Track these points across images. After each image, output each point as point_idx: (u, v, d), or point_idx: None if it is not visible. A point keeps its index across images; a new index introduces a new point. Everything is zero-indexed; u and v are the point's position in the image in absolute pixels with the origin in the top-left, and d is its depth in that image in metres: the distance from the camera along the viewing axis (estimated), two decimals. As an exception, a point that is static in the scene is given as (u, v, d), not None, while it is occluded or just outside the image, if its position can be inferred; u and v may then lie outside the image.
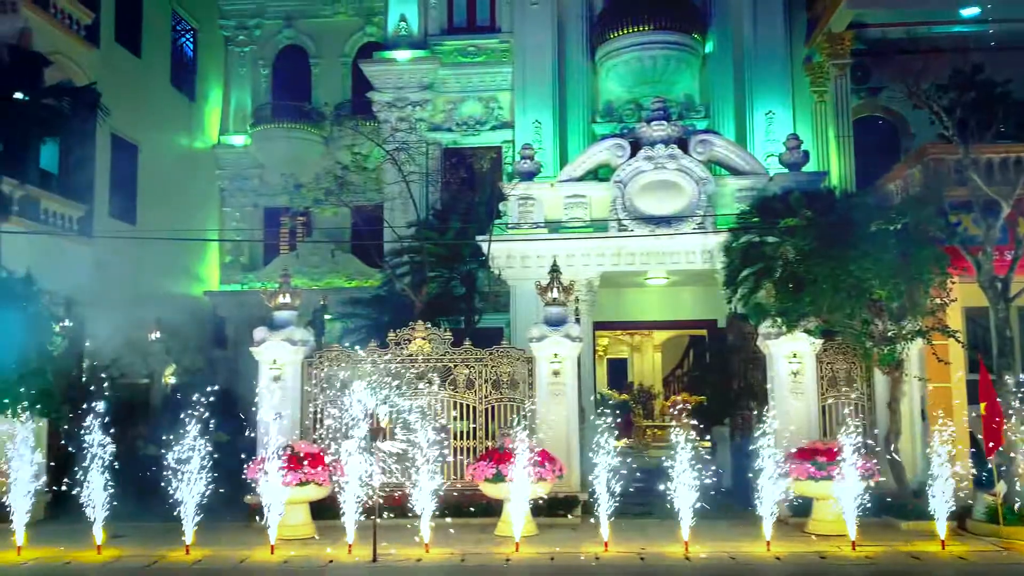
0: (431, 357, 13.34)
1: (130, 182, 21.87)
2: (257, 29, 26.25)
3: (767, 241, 13.58)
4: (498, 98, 21.62)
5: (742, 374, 14.89)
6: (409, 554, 10.48)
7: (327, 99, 25.44)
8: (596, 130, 20.37)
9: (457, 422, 13.21)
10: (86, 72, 19.33)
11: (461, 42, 21.67)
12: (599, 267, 15.80)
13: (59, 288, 14.12)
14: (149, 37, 23.12)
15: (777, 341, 12.84)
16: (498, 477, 11.37)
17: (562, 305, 13.16)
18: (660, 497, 10.90)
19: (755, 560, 10.26)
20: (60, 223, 18.62)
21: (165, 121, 23.75)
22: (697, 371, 21.41)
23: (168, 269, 22.08)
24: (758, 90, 19.67)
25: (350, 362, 12.91)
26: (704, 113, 20.51)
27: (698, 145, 15.78)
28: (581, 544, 10.98)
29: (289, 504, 11.12)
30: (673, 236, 15.39)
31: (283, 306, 13.29)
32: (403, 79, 21.30)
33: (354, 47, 25.81)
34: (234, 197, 25.88)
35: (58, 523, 12.14)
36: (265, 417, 12.32)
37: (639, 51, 19.89)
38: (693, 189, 15.53)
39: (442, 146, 21.57)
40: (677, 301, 18.27)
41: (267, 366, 13.08)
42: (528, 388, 13.23)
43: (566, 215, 15.95)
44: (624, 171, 15.68)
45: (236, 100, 26.19)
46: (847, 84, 19.52)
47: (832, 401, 13.20)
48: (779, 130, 18.91)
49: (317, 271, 23.61)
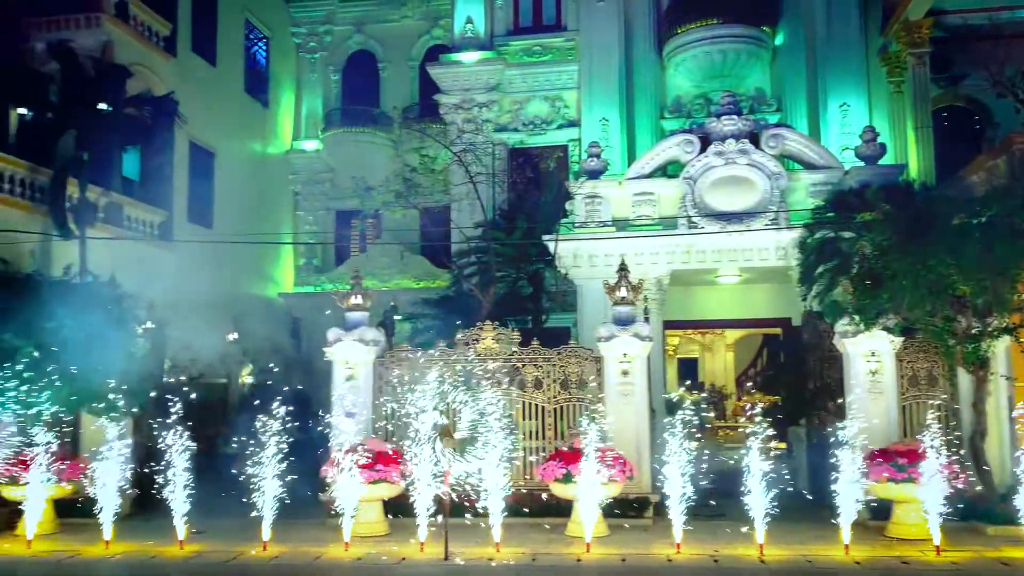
0: (499, 357, 13.37)
1: (207, 188, 22.57)
2: (327, 35, 26.79)
3: (843, 237, 13.20)
4: (564, 97, 21.57)
5: (818, 373, 14.53)
6: (480, 553, 10.53)
7: (395, 102, 25.80)
8: (664, 126, 20.16)
9: (526, 422, 13.21)
10: (164, 82, 20.02)
11: (527, 42, 21.70)
12: (668, 265, 15.61)
13: (141, 291, 14.64)
14: (224, 46, 23.81)
15: (854, 339, 12.48)
16: (567, 477, 11.33)
17: (630, 304, 13.04)
18: (733, 499, 10.71)
19: (833, 564, 9.99)
20: (142, 228, 19.33)
21: (240, 127, 24.42)
22: (771, 371, 20.97)
23: (244, 272, 22.71)
24: (832, 82, 19.18)
25: (420, 362, 13.03)
26: (775, 107, 20.11)
27: (770, 139, 15.46)
28: (653, 545, 10.87)
29: (362, 502, 11.30)
30: (745, 233, 15.10)
31: (355, 307, 13.50)
32: (469, 80, 21.44)
33: (421, 50, 26.12)
34: (307, 201, 26.45)
35: (143, 519, 12.55)
36: (338, 416, 12.53)
37: (708, 45, 19.64)
38: (765, 184, 15.22)
39: (508, 146, 21.63)
40: (750, 299, 17.94)
41: (340, 366, 13.30)
42: (597, 388, 13.14)
43: (634, 213, 15.81)
44: (694, 167, 15.46)
45: (308, 105, 26.76)
46: (926, 73, 18.83)
47: (913, 401, 12.77)
48: (854, 122, 18.41)
49: (387, 272, 23.96)
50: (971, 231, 11.66)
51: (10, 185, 15.88)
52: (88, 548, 11.18)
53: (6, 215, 15.45)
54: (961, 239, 11.49)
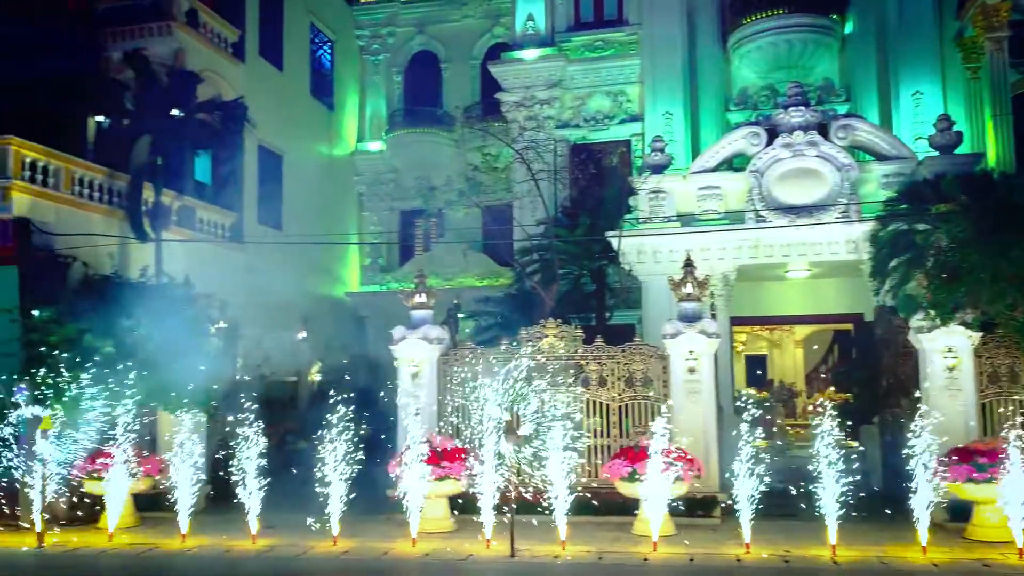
0: (563, 355, 13.33)
1: (275, 190, 23.05)
2: (390, 37, 27.08)
3: (918, 229, 12.78)
4: (626, 91, 21.36)
5: (892, 370, 14.11)
6: (546, 551, 10.53)
7: (457, 102, 25.93)
8: (729, 119, 19.81)
9: (590, 420, 13.16)
10: (233, 87, 20.50)
11: (588, 37, 21.55)
12: (735, 260, 15.34)
13: (214, 292, 15.04)
14: (290, 50, 24.28)
15: (930, 335, 12.08)
16: (633, 476, 11.24)
17: (696, 300, 12.86)
18: (804, 499, 10.48)
19: (909, 566, 9.70)
20: (213, 230, 19.84)
21: (306, 130, 24.87)
22: (843, 367, 20.46)
23: (312, 271, 23.12)
24: (904, 70, 18.57)
25: (483, 360, 13.09)
26: (845, 97, 19.59)
27: (839, 130, 15.07)
28: (721, 545, 10.71)
29: (428, 498, 11.41)
30: (814, 226, 14.74)
31: (419, 305, 13.63)
32: (531, 78, 21.39)
33: (482, 49, 26.21)
34: (371, 201, 26.80)
35: (216, 514, 12.90)
36: (404, 413, 12.68)
37: (774, 35, 19.22)
38: (835, 176, 14.83)
39: (570, 142, 21.53)
40: (820, 294, 17.52)
41: (405, 364, 13.45)
42: (663, 386, 13.01)
43: (699, 207, 15.58)
44: (760, 160, 15.16)
45: (371, 107, 27.12)
46: (1004, 58, 18.06)
47: (993, 399, 12.29)
48: (928, 111, 17.79)
49: (450, 271, 24.09)
50: (1055, 222, 11.19)
51: (89, 190, 16.46)
52: (166, 541, 11.55)
53: (86, 219, 16.02)
54: (1044, 230, 11.04)
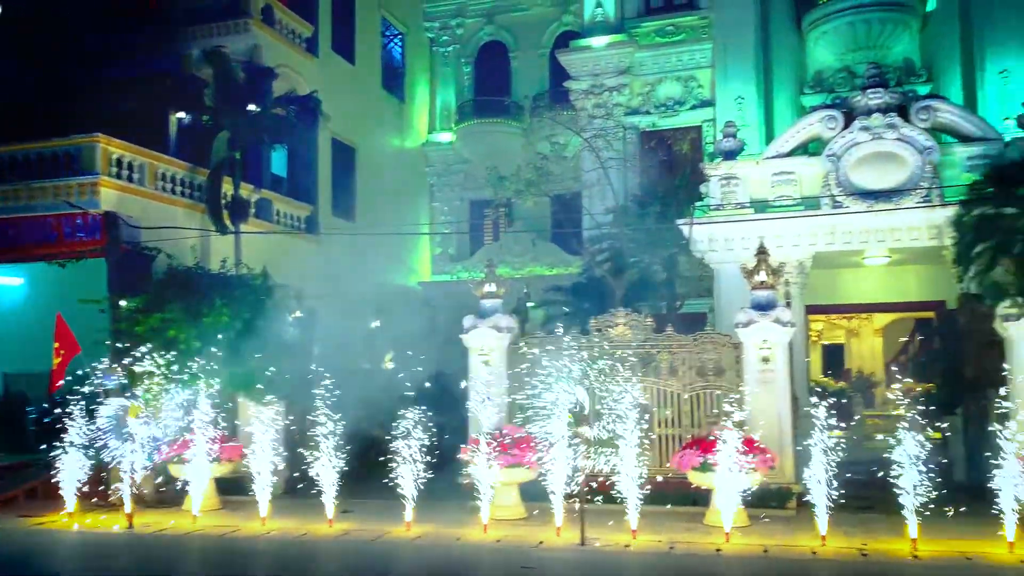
0: (632, 343, 13.26)
1: (349, 182, 23.50)
2: (459, 28, 27.24)
3: (1004, 213, 12.26)
4: (697, 76, 21.06)
5: (976, 360, 13.60)
6: (616, 540, 10.53)
7: (526, 91, 25.97)
8: (804, 102, 19.35)
9: (661, 409, 13.07)
10: (308, 81, 20.95)
11: (658, 22, 21.31)
12: (811, 247, 14.98)
13: (291, 282, 15.43)
14: (362, 44, 24.66)
15: (1019, 323, 11.62)
16: (705, 466, 11.13)
17: (770, 288, 12.63)
18: (883, 491, 10.22)
19: (996, 563, 9.38)
20: (290, 222, 20.36)
21: (378, 123, 25.25)
22: (924, 357, 19.80)
23: (385, 261, 23.47)
24: (990, 46, 17.80)
25: (553, 348, 13.10)
26: (926, 77, 18.92)
27: (920, 112, 14.54)
28: (796, 537, 10.54)
29: (500, 486, 11.52)
30: (894, 211, 14.28)
31: (489, 295, 13.73)
32: (599, 65, 21.26)
33: (551, 37, 26.16)
34: (442, 192, 27.08)
35: (295, 498, 13.26)
36: (475, 401, 12.82)
37: (851, 15, 18.70)
38: (916, 160, 14.34)
39: (640, 129, 21.34)
40: (900, 281, 16.98)
41: (476, 352, 13.58)
42: (735, 375, 12.82)
43: (773, 193, 15.25)
44: (837, 144, 14.75)
45: (442, 98, 27.37)
46: (1101, 31, 17.22)
47: (1087, 389, 11.76)
48: (1016, 89, 17.02)
49: (519, 260, 24.18)
50: None
51: (172, 185, 17.06)
52: (246, 524, 11.95)
53: (169, 213, 16.63)
54: None
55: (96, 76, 18.15)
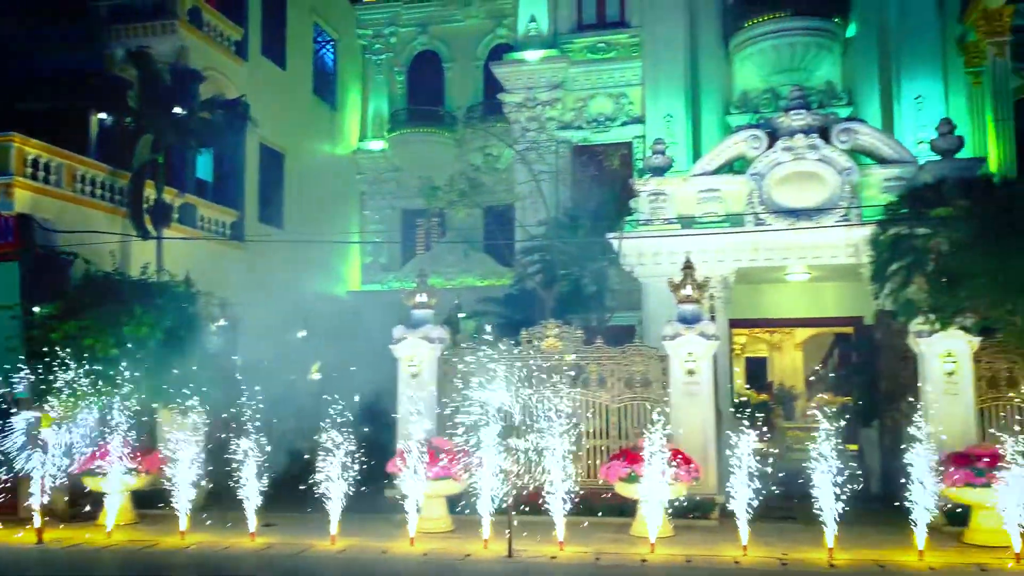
0: (563, 355, 13.35)
1: (277, 188, 23.09)
2: (392, 37, 27.12)
3: (918, 233, 12.78)
4: (628, 93, 21.39)
5: (891, 374, 14.12)
6: (544, 551, 10.55)
7: (460, 102, 25.97)
8: (730, 122, 19.84)
9: (589, 421, 13.18)
10: (236, 85, 20.54)
11: (591, 39, 21.57)
12: (735, 263, 15.36)
13: (214, 290, 15.06)
14: (293, 49, 24.31)
15: (930, 339, 12.10)
16: (632, 477, 11.26)
17: (696, 302, 12.89)
18: (802, 501, 10.50)
19: (907, 570, 9.72)
20: (215, 228, 19.88)
21: (308, 129, 24.91)
22: (842, 370, 20.48)
23: (313, 270, 23.13)
24: (906, 73, 18.59)
25: (484, 359, 13.09)
26: (846, 100, 19.61)
27: (840, 134, 15.08)
28: (719, 547, 10.73)
29: (427, 498, 11.43)
30: (814, 229, 14.75)
31: (420, 305, 13.66)
32: (533, 79, 21.41)
33: (485, 49, 26.25)
34: (373, 200, 26.84)
35: (216, 511, 12.90)
36: (403, 413, 12.70)
37: (777, 38, 19.25)
38: (836, 180, 14.85)
39: (572, 144, 21.55)
40: (820, 297, 17.52)
41: (405, 363, 13.48)
42: (662, 387, 13.03)
43: (699, 210, 15.60)
44: (761, 163, 15.18)
45: (374, 106, 27.16)
46: (1007, 63, 18.06)
47: (992, 403, 12.31)
48: (930, 115, 17.81)
49: (451, 271, 24.10)
50: (1055, 227, 11.19)
51: (91, 187, 16.49)
52: (164, 538, 11.58)
53: (89, 217, 16.05)
54: (1044, 235, 11.04)
55: (10, 72, 17.45)
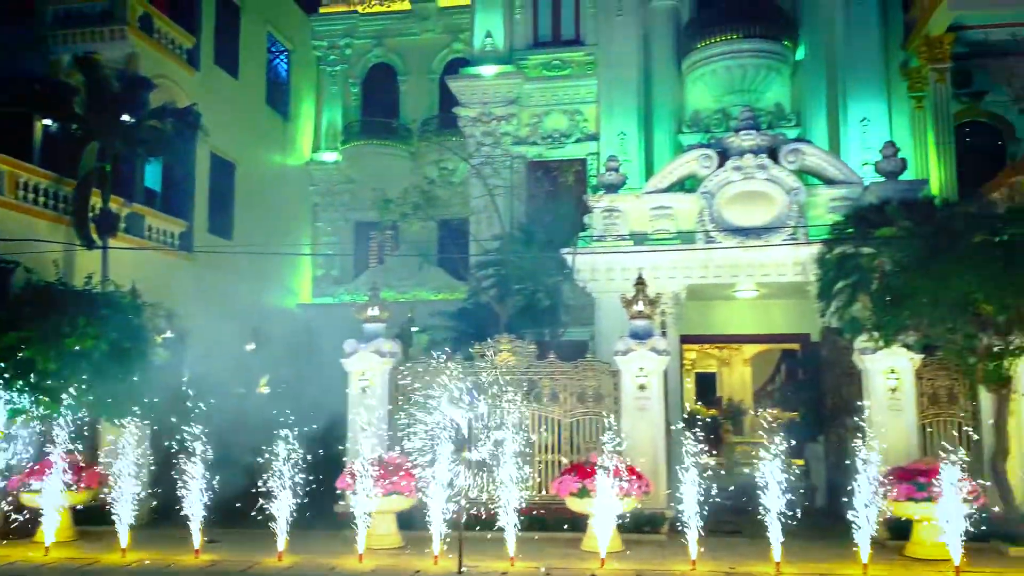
0: (516, 370, 13.36)
1: (227, 199, 22.78)
2: (348, 49, 27.02)
3: (863, 252, 13.10)
4: (583, 111, 21.59)
5: (837, 390, 14.41)
6: (494, 566, 10.50)
7: (415, 115, 25.96)
8: (682, 140, 20.13)
9: (542, 435, 13.19)
10: (187, 94, 20.26)
11: (546, 56, 21.74)
12: (686, 279, 15.56)
13: (161, 301, 14.77)
14: (246, 59, 24.08)
15: (874, 356, 12.38)
16: (583, 492, 11.28)
17: (647, 318, 13.01)
18: (750, 516, 10.63)
19: (851, 584, 9.90)
20: (163, 239, 19.53)
21: (260, 139, 24.66)
22: (789, 386, 20.82)
23: (263, 282, 22.85)
24: (852, 97, 19.09)
25: (436, 374, 13.04)
26: (795, 122, 20.05)
27: (789, 154, 15.41)
28: (668, 561, 10.80)
29: (377, 514, 11.31)
30: (763, 248, 15.04)
31: (372, 319, 13.56)
32: (488, 94, 21.49)
33: (441, 63, 26.30)
34: (326, 212, 26.63)
35: (160, 527, 12.62)
36: (353, 427, 12.56)
37: (727, 60, 19.60)
38: (784, 199, 15.16)
39: (527, 159, 21.66)
40: (768, 314, 17.82)
41: (356, 377, 13.36)
42: (613, 402, 13.10)
43: (652, 227, 15.79)
44: (711, 182, 15.43)
45: (328, 117, 26.99)
46: (947, 88, 18.70)
47: (933, 419, 12.63)
48: (875, 137, 18.29)
49: (404, 284, 24.01)
50: (993, 249, 11.54)
51: (34, 195, 16.09)
52: (105, 556, 11.26)
53: (31, 225, 15.66)
54: (983, 257, 11.38)
55: (-49, 75, 16.99)
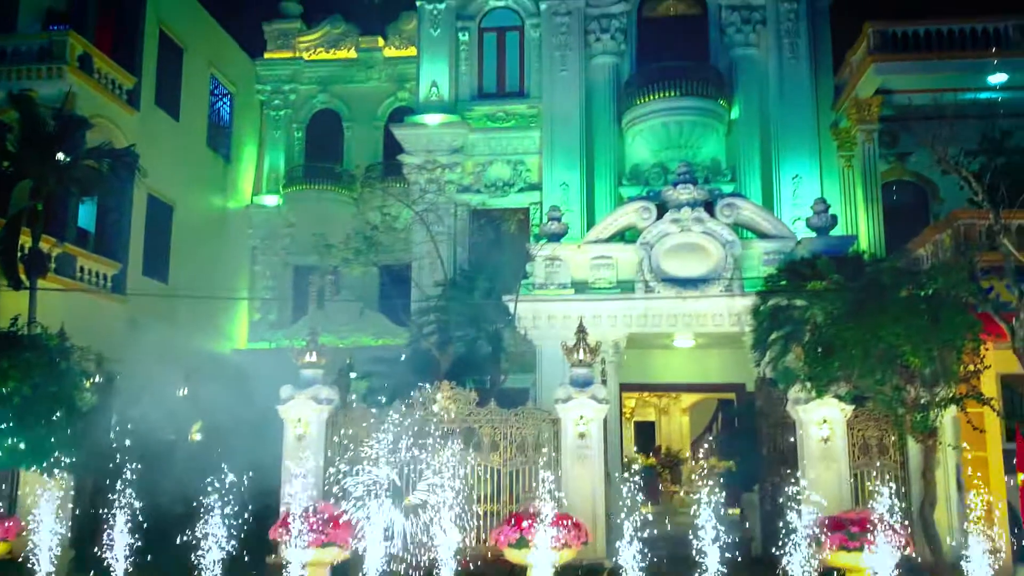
0: (456, 417, 13.24)
1: (164, 240, 22.35)
2: (292, 94, 26.98)
3: (795, 305, 13.47)
4: (526, 161, 21.88)
5: (772, 440, 14.62)
6: (430, 620, 10.29)
7: (359, 160, 25.94)
8: (623, 192, 20.52)
9: (480, 485, 13.06)
10: (126, 134, 19.96)
11: (491, 107, 22.04)
12: (626, 328, 15.75)
13: (91, 344, 14.32)
14: (188, 100, 23.86)
15: (807, 406, 12.63)
16: (522, 542, 11.18)
17: (588, 366, 13.09)
18: (688, 564, 10.64)
19: (786, 633, 9.94)
20: (94, 280, 19.02)
21: (200, 181, 24.34)
22: (726, 436, 21.09)
23: (198, 326, 22.34)
24: (784, 154, 19.77)
25: (374, 422, 12.86)
26: (730, 176, 20.62)
27: (724, 208, 15.83)
28: (606, 613, 10.73)
29: (311, 566, 11.02)
30: (700, 298, 15.33)
31: (309, 364, 13.35)
32: (433, 142, 21.65)
33: (386, 111, 26.44)
34: (265, 256, 26.27)
35: (80, 581, 12.09)
36: (288, 476, 12.28)
37: (665, 116, 20.14)
38: (720, 252, 15.53)
39: (470, 207, 21.80)
40: (705, 364, 18.10)
41: (292, 424, 13.08)
42: (554, 451, 13.07)
43: (592, 276, 15.99)
44: (650, 233, 15.74)
45: (270, 161, 26.80)
46: (875, 149, 19.55)
47: (864, 469, 12.90)
48: (806, 194, 18.94)
49: (344, 329, 23.70)
50: (918, 303, 11.98)
51: (-40, 233, 15.58)
52: (20, 612, 10.72)
53: (-46, 263, 15.11)
54: (909, 310, 11.79)
55: None
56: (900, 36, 18.95)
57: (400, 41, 26.35)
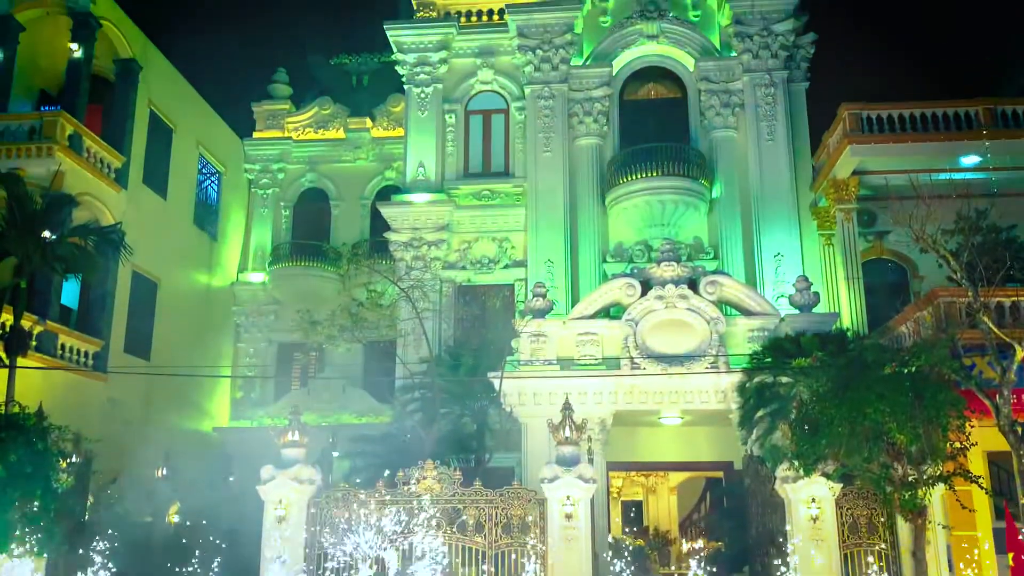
0: (440, 498, 13.02)
1: (147, 317, 22.24)
2: (280, 173, 27.28)
3: (781, 381, 13.49)
4: (511, 238, 22.07)
5: (760, 519, 14.45)
6: None
7: (345, 238, 26.12)
8: (607, 269, 20.67)
9: (464, 569, 12.75)
10: (113, 212, 20.07)
11: (476, 186, 22.34)
12: (612, 405, 15.67)
13: (70, 423, 14.08)
14: (176, 179, 24.09)
15: (795, 485, 12.53)
16: (508, 627, 10.88)
17: (574, 444, 12.97)
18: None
19: None
20: (76, 358, 18.82)
21: (186, 259, 24.37)
22: (714, 515, 20.79)
23: (179, 404, 22.06)
24: (766, 233, 20.06)
25: (356, 502, 12.63)
26: (713, 254, 20.86)
27: (708, 286, 15.98)
28: None
29: (289, 654, 10.65)
30: (685, 375, 15.32)
31: (291, 444, 13.17)
32: (420, 220, 21.85)
33: (373, 190, 26.74)
34: (249, 332, 26.13)
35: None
36: (268, 558, 11.96)
37: (648, 195, 20.45)
38: (704, 328, 15.60)
39: (456, 283, 21.87)
40: (692, 441, 17.96)
41: (272, 505, 12.81)
42: (540, 531, 12.83)
43: (578, 352, 15.98)
44: (635, 310, 15.82)
45: (257, 238, 26.90)
46: (854, 227, 19.89)
47: (854, 548, 12.72)
48: (788, 271, 19.16)
49: (328, 407, 23.44)
50: (902, 380, 12.03)
51: (-60, 310, 15.45)
52: None
53: (-67, 341, 14.93)
54: (894, 388, 11.83)
55: None
56: (875, 119, 19.48)
57: (388, 122, 26.84)
